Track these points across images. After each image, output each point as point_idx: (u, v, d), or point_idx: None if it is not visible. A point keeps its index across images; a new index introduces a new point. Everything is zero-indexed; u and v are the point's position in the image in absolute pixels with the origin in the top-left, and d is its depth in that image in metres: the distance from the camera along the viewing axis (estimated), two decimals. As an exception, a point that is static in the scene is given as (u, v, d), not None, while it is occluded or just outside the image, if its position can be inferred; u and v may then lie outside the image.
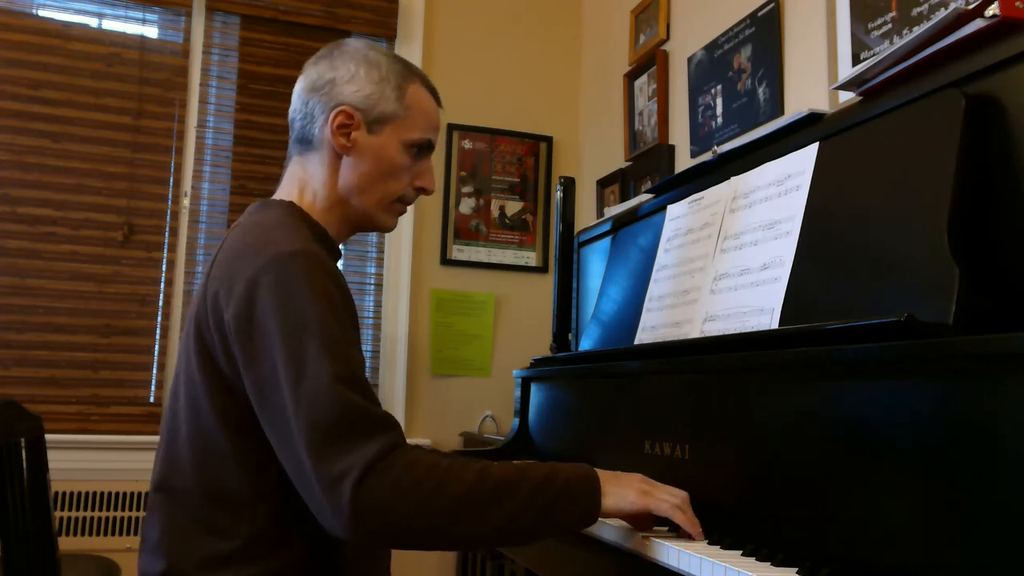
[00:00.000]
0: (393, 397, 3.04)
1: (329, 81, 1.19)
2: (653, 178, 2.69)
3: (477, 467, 1.02)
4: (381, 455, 0.97)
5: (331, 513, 0.96)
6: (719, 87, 2.37)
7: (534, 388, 1.89)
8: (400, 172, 1.21)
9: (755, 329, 1.22)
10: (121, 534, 2.67)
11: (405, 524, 0.96)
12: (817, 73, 1.96)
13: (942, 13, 1.03)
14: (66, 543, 2.57)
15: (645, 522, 1.11)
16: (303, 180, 1.22)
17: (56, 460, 1.69)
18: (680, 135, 2.61)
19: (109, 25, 2.91)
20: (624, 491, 1.05)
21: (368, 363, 3.07)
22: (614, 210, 2.05)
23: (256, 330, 1.02)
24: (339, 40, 1.25)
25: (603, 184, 3.08)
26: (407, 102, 1.20)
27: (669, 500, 1.06)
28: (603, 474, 1.07)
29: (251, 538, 1.08)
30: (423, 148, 1.23)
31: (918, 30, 1.06)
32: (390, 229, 1.27)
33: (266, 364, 1.01)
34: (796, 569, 0.88)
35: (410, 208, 3.05)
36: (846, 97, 1.56)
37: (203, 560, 1.08)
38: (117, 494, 2.68)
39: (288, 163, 1.25)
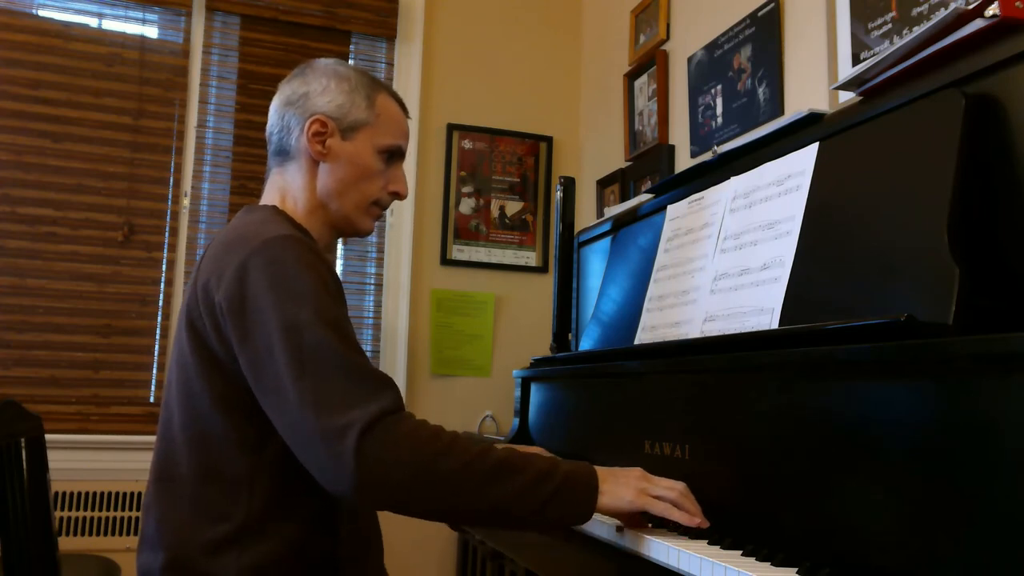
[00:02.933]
0: (393, 397, 3.04)
1: (303, 95, 1.27)
2: (653, 178, 2.69)
3: (482, 444, 1.04)
4: (388, 411, 0.99)
5: (333, 466, 0.97)
6: (719, 87, 2.37)
7: (534, 388, 1.89)
8: (374, 176, 1.27)
9: (755, 329, 1.22)
10: (121, 534, 2.67)
11: (407, 483, 0.98)
12: (817, 73, 1.96)
13: (942, 13, 1.03)
14: (66, 543, 2.57)
15: (640, 519, 1.12)
16: (283, 188, 1.28)
17: (56, 460, 1.69)
18: (680, 135, 2.61)
19: (109, 25, 2.91)
20: (621, 491, 1.06)
21: (368, 363, 3.07)
22: (614, 210, 2.05)
23: (249, 307, 1.05)
24: (311, 60, 1.32)
25: (603, 184, 3.08)
26: (377, 110, 1.27)
27: (666, 496, 1.07)
28: (602, 472, 1.08)
29: (248, 519, 1.10)
30: (394, 154, 1.30)
31: (918, 30, 1.06)
32: (367, 232, 1.32)
33: (261, 338, 1.04)
34: (796, 569, 0.88)
35: (410, 208, 3.08)
36: (846, 97, 1.56)
37: (202, 547, 1.10)
38: (117, 494, 2.68)
39: (268, 175, 1.31)
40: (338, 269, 3.10)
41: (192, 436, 1.13)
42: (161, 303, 2.86)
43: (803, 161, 1.25)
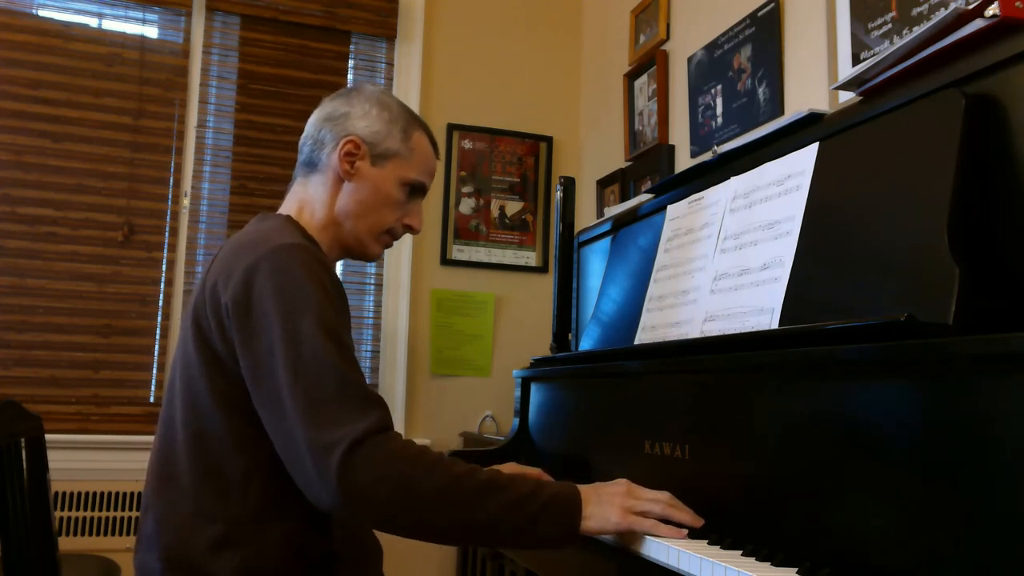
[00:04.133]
0: (393, 397, 3.04)
1: (344, 114, 1.30)
2: (653, 178, 2.69)
3: (466, 465, 1.05)
4: (375, 430, 1.01)
5: (319, 481, 0.99)
6: (719, 87, 2.37)
7: (534, 388, 1.89)
8: (393, 205, 1.31)
9: (755, 329, 1.22)
10: (121, 534, 2.67)
11: (390, 501, 0.99)
12: (817, 73, 1.96)
13: (942, 13, 1.03)
14: (66, 543, 2.57)
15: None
16: (303, 199, 1.30)
17: (56, 460, 1.69)
18: (680, 135, 2.61)
19: (109, 25, 2.91)
20: (606, 511, 1.07)
21: (368, 363, 3.07)
22: (614, 210, 2.05)
23: (253, 312, 1.07)
24: (359, 83, 1.36)
25: (603, 184, 3.08)
26: (411, 144, 1.32)
27: (652, 510, 1.08)
28: (586, 492, 1.09)
29: (244, 519, 1.11)
30: (416, 189, 1.33)
31: (918, 30, 1.06)
32: (375, 258, 1.36)
33: (263, 343, 1.06)
34: (796, 569, 0.88)
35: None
36: (846, 97, 1.56)
37: (199, 545, 1.11)
38: (117, 494, 2.68)
39: (292, 184, 1.34)
40: (339, 269, 3.10)
41: (193, 433, 1.14)
42: (161, 303, 2.86)
43: (803, 161, 1.25)
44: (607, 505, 1.07)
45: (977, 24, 0.98)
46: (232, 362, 1.10)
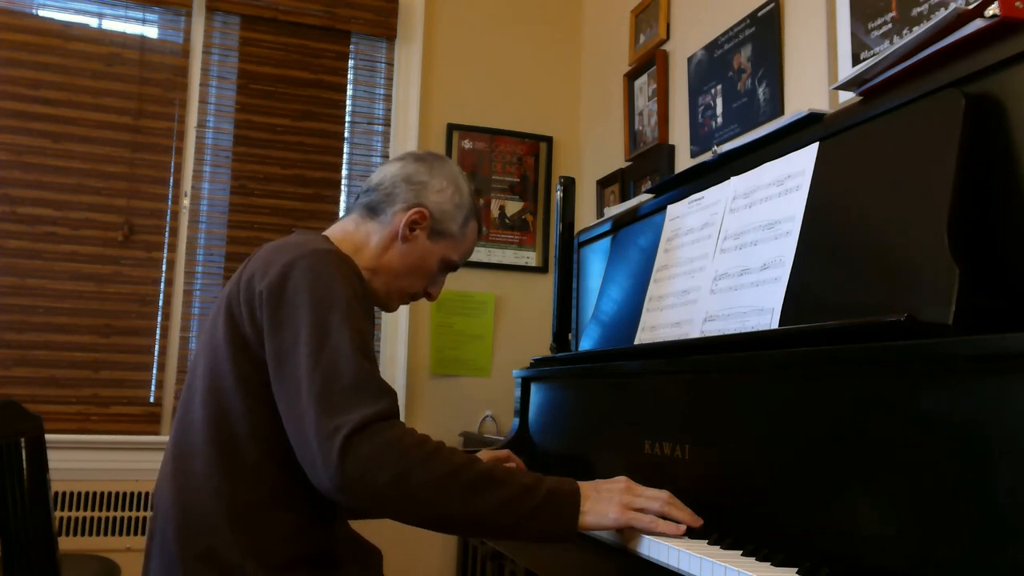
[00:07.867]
0: (393, 397, 3.03)
1: (423, 183, 1.38)
2: (653, 178, 2.69)
3: (466, 456, 1.08)
4: (379, 417, 1.04)
5: (321, 463, 1.02)
6: (719, 87, 2.37)
7: (534, 388, 1.89)
8: (427, 276, 1.42)
9: (755, 329, 1.22)
10: (121, 534, 2.67)
11: (386, 488, 1.01)
12: (817, 73, 1.96)
13: (942, 13, 1.03)
14: (66, 543, 2.57)
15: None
16: (350, 234, 1.38)
17: (56, 460, 1.70)
18: (680, 135, 2.61)
19: (109, 25, 2.91)
20: (604, 507, 1.08)
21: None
22: (614, 210, 2.05)
23: (286, 302, 1.13)
24: (443, 157, 1.45)
25: (603, 184, 3.08)
26: (466, 231, 1.43)
27: (650, 507, 1.08)
28: (585, 489, 1.10)
29: (252, 503, 1.14)
30: (450, 267, 1.45)
31: (918, 30, 1.06)
32: (391, 311, 1.46)
33: (290, 331, 1.11)
34: (796, 569, 0.88)
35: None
36: (846, 97, 1.56)
37: (209, 527, 1.13)
38: (117, 494, 2.68)
39: (347, 215, 1.42)
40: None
41: (211, 415, 1.17)
42: (161, 303, 2.86)
43: (803, 161, 1.25)
44: (606, 501, 1.08)
45: (977, 24, 0.98)
46: (258, 348, 1.15)
